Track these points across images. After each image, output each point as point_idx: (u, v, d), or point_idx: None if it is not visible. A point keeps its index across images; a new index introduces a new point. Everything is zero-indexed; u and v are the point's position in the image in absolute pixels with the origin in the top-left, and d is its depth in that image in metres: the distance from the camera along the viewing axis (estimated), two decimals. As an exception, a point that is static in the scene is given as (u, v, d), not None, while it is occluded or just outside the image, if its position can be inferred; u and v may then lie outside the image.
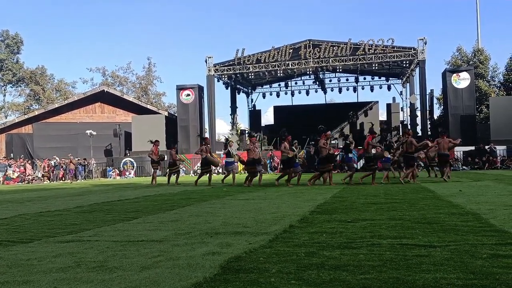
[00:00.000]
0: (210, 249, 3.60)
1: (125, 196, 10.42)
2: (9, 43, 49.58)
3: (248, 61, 29.14)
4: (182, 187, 14.08)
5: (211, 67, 29.59)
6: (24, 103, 50.09)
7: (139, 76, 51.74)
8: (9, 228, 5.27)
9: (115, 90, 36.61)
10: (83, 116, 32.86)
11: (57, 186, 18.40)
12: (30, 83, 49.17)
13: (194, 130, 29.73)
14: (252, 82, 36.05)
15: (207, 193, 10.81)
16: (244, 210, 6.53)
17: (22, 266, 3.17)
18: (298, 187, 12.00)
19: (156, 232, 4.60)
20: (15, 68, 49.51)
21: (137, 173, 28.64)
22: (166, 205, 7.76)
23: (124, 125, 31.20)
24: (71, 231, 4.83)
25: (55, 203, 9.02)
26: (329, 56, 28.07)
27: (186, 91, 30.13)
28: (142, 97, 48.96)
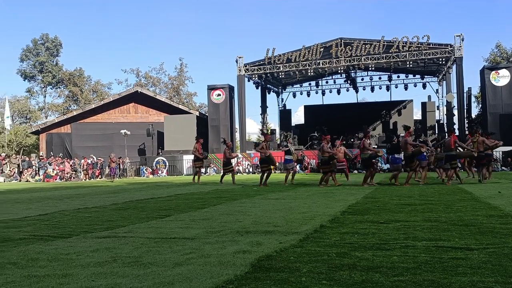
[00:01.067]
0: (241, 247, 3.61)
1: (158, 194, 10.61)
2: (49, 46, 51.44)
3: (278, 61, 29.09)
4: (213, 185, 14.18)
5: (242, 67, 29.72)
6: (63, 104, 51.88)
7: (171, 76, 52.64)
8: (49, 224, 5.47)
9: (148, 91, 37.33)
10: (118, 116, 33.70)
11: (94, 184, 18.95)
12: (69, 85, 50.87)
13: (224, 130, 29.96)
14: (282, 82, 35.97)
15: (237, 192, 10.87)
16: (274, 209, 6.52)
17: (62, 260, 3.28)
18: (328, 187, 11.89)
19: (188, 229, 4.66)
20: (54, 70, 51.34)
21: (169, 172, 29.13)
22: (198, 203, 7.86)
23: (156, 124, 31.79)
24: (107, 227, 4.97)
25: (92, 200, 9.30)
26: (361, 54, 27.65)
27: (217, 91, 30.39)
28: (174, 97, 49.76)
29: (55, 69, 51.48)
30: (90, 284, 2.61)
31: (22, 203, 8.97)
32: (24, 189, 15.64)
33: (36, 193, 12.46)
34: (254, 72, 30.02)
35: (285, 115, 37.23)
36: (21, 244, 3.99)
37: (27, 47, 51.53)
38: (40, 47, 51.57)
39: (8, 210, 7.38)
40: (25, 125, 49.37)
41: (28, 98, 52.36)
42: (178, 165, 29.31)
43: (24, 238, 4.36)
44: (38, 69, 51.20)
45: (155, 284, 2.58)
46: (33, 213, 6.72)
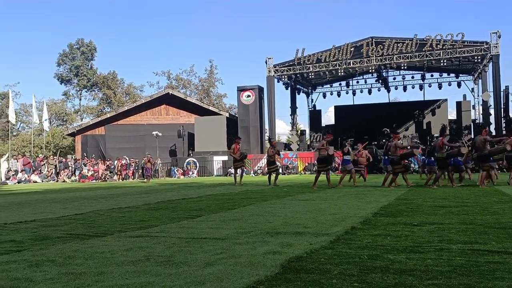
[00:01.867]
0: (271, 248, 3.61)
1: (189, 195, 10.76)
2: (84, 50, 53.12)
3: (308, 61, 28.95)
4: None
5: (271, 68, 29.74)
6: (97, 106, 53.42)
7: (202, 78, 53.26)
8: (85, 223, 5.65)
9: (179, 93, 37.90)
10: (149, 117, 34.39)
11: (127, 185, 19.40)
12: (103, 88, 52.34)
13: (254, 131, 30.04)
14: (312, 82, 35.77)
15: (267, 193, 10.88)
16: (304, 210, 6.49)
17: (97, 258, 3.38)
18: (359, 188, 11.73)
19: (219, 230, 4.71)
20: (89, 73, 52.98)
21: (200, 172, 29.45)
22: (228, 204, 7.91)
23: (187, 126, 32.22)
24: (140, 227, 5.08)
25: (125, 200, 9.53)
26: (393, 53, 27.15)
27: (247, 92, 30.52)
28: (204, 99, 50.32)
29: (90, 73, 53.10)
30: (124, 282, 2.67)
31: (59, 202, 9.30)
32: (61, 189, 16.19)
33: (72, 193, 12.88)
34: (283, 73, 29.99)
35: (315, 116, 36.99)
36: (58, 242, 4.14)
37: (64, 52, 53.39)
38: (75, 52, 53.31)
39: (47, 210, 7.66)
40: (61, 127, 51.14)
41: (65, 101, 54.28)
42: (208, 166, 29.60)
43: (61, 236, 4.52)
44: (74, 73, 52.95)
45: (186, 283, 2.62)
46: (70, 213, 6.95)
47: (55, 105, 51.08)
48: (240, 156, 15.38)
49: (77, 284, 2.67)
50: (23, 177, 24.55)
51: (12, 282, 2.72)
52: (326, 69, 28.80)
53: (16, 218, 6.28)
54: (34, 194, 12.79)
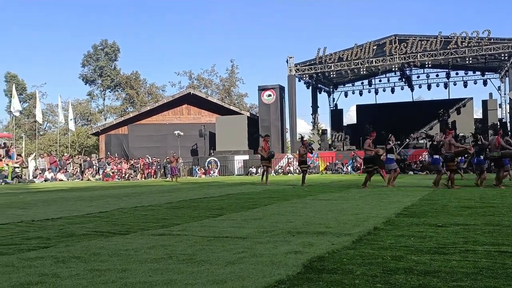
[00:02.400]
0: (293, 247, 3.61)
1: (210, 194, 10.83)
2: (107, 51, 54.07)
3: (329, 60, 28.76)
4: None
5: (292, 67, 29.66)
6: (121, 106, 54.31)
7: (223, 78, 53.51)
8: (109, 221, 5.75)
9: (200, 92, 38.18)
10: (171, 117, 34.74)
11: (150, 184, 19.67)
12: (126, 88, 53.18)
13: (275, 130, 29.99)
14: (333, 81, 35.51)
15: (288, 192, 10.86)
16: (326, 210, 6.46)
17: (121, 255, 3.44)
18: (381, 188, 11.58)
19: (240, 229, 4.72)
20: (113, 74, 53.89)
21: (221, 172, 29.60)
22: (249, 203, 7.94)
23: (208, 125, 32.43)
24: (163, 225, 5.14)
25: (147, 198, 9.67)
26: (417, 51, 26.72)
27: (268, 91, 30.51)
28: (225, 98, 50.55)
29: (113, 73, 53.99)
30: (147, 279, 2.71)
31: (84, 200, 9.50)
32: (86, 187, 16.54)
33: (96, 192, 13.15)
34: (304, 72, 29.87)
35: (337, 115, 36.71)
36: (84, 239, 4.23)
37: (88, 52, 54.47)
38: (99, 53, 54.31)
39: (72, 207, 7.84)
40: (86, 127, 52.22)
41: (89, 101, 55.36)
42: (229, 165, 29.73)
43: (86, 233, 4.62)
44: (98, 73, 53.95)
45: (208, 282, 2.64)
46: (94, 210, 7.09)
47: (80, 105, 52.18)
48: (268, 155, 14.95)
49: (102, 280, 2.72)
50: (49, 175, 25.16)
51: (40, 278, 2.79)
52: (348, 68, 28.55)
53: (43, 216, 6.45)
54: (60, 192, 13.11)
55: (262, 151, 14.97)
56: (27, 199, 10.23)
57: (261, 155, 15.23)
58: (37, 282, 2.70)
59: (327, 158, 28.10)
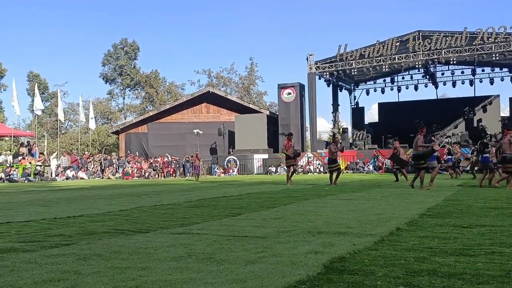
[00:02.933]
0: (313, 247, 3.59)
1: (229, 193, 10.88)
2: (127, 50, 54.85)
3: (350, 57, 28.52)
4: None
5: (313, 65, 29.52)
6: (140, 105, 55.04)
7: (242, 76, 53.65)
8: (129, 219, 5.84)
9: (219, 91, 38.36)
10: (190, 116, 35.01)
11: (169, 182, 19.87)
12: (145, 86, 53.86)
13: (295, 129, 29.90)
14: (355, 79, 35.21)
15: (308, 192, 10.82)
16: (347, 210, 6.41)
17: (141, 253, 3.49)
18: (404, 188, 11.42)
19: (260, 228, 4.73)
20: (132, 73, 54.64)
21: (240, 171, 29.68)
22: (268, 202, 7.94)
23: (227, 124, 32.56)
24: (182, 224, 5.19)
25: (167, 197, 9.77)
26: (441, 47, 26.24)
27: (287, 89, 30.45)
28: (244, 96, 50.67)
29: (133, 72, 54.74)
30: (167, 278, 2.75)
31: (105, 199, 9.67)
32: (106, 185, 16.83)
33: (116, 190, 13.36)
34: (325, 69, 29.69)
35: (358, 113, 36.39)
36: (104, 237, 4.31)
37: (108, 52, 55.36)
38: (119, 52, 55.13)
39: (93, 205, 7.99)
40: (106, 125, 53.10)
41: (109, 100, 56.28)
42: (248, 164, 29.80)
43: (107, 231, 4.70)
44: (118, 72, 54.78)
45: (228, 281, 2.66)
46: (114, 209, 7.21)
47: (100, 104, 53.10)
48: (294, 153, 14.39)
49: (122, 278, 2.77)
50: (71, 173, 25.68)
51: (62, 275, 2.85)
52: (370, 65, 28.25)
53: (64, 213, 6.59)
54: (81, 190, 13.37)
55: (285, 150, 14.46)
56: (49, 197, 10.47)
57: (286, 154, 14.60)
58: (59, 279, 2.76)
59: (348, 157, 27.87)
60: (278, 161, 28.87)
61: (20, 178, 22.80)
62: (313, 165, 28.38)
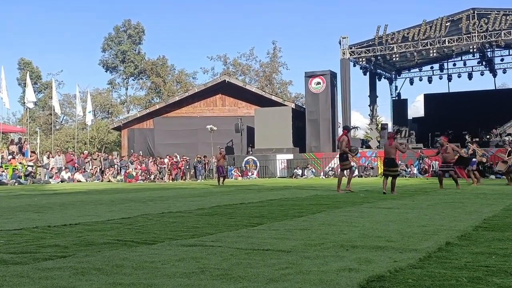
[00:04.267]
0: (346, 264, 3.59)
1: (248, 199, 10.93)
2: (131, 33, 55.52)
3: (391, 40, 28.23)
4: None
5: (346, 49, 29.33)
6: (145, 97, 55.67)
7: (263, 63, 53.69)
8: (132, 228, 5.93)
9: (237, 80, 38.49)
10: (203, 109, 35.22)
11: (178, 186, 20.05)
12: (151, 75, 54.44)
13: (325, 124, 29.78)
14: (396, 66, 34.87)
15: (340, 199, 10.78)
16: (387, 220, 6.38)
17: (147, 268, 3.55)
18: (455, 195, 11.27)
19: (283, 241, 4.75)
20: (137, 59, 55.29)
21: (260, 173, 29.73)
22: (294, 211, 7.95)
23: (246, 119, 32.61)
24: (193, 235, 5.25)
25: (176, 204, 9.88)
26: (500, 28, 25.73)
27: (316, 78, 30.36)
28: (266, 87, 50.72)
29: (138, 59, 55.39)
30: (177, 296, 2.78)
31: (105, 204, 9.84)
32: (106, 189, 17.09)
33: (118, 194, 13.56)
34: (361, 55, 29.47)
35: (400, 106, 36.06)
36: (105, 249, 4.39)
37: (109, 35, 56.14)
38: (122, 35, 55.87)
39: (92, 212, 8.14)
40: (106, 120, 53.91)
41: (110, 91, 57.09)
42: (270, 166, 29.83)
43: (108, 242, 4.78)
44: (120, 59, 55.53)
45: (247, 301, 2.67)
46: (116, 216, 7.33)
47: (99, 95, 53.94)
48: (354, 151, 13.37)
49: (125, 296, 2.81)
50: (66, 175, 26.19)
51: (57, 291, 2.92)
52: (415, 50, 27.91)
53: (60, 221, 6.73)
54: (78, 195, 13.62)
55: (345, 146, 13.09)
56: (42, 202, 10.71)
57: (340, 155, 13.62)
58: (54, 295, 2.82)
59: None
60: (305, 162, 28.83)
61: (9, 181, 23.36)
62: (346, 167, 28.21)
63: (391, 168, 12.51)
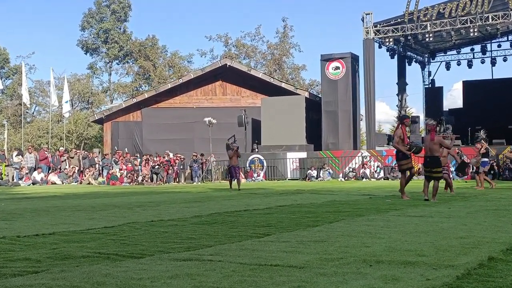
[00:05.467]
0: (370, 283, 3.60)
1: (254, 205, 10.94)
2: (115, 8, 55.56)
3: (424, 17, 28.13)
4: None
5: (370, 28, 29.27)
6: (132, 84, 55.78)
7: (271, 44, 53.63)
8: (116, 239, 5.95)
9: (240, 64, 38.49)
10: (200, 99, 35.23)
11: (171, 189, 20.08)
12: (139, 58, 54.51)
13: (345, 117, 29.69)
14: (430, 47, 34.78)
15: (362, 205, 10.77)
16: (418, 231, 6.39)
17: (134, 286, 3.55)
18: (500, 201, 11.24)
19: (295, 255, 4.76)
20: (122, 40, 55.35)
21: (268, 174, 29.71)
22: (308, 219, 7.95)
23: (251, 110, 32.57)
24: (188, 247, 5.26)
25: (168, 210, 9.90)
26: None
27: (334, 62, 30.29)
28: (275, 72, 50.72)
29: (123, 39, 55.49)
30: (169, 320, 2.79)
31: (84, 211, 9.87)
32: (86, 193, 17.16)
33: (99, 199, 13.61)
34: (387, 34, 29.39)
35: (434, 95, 35.99)
36: (84, 263, 4.40)
37: (89, 11, 56.25)
38: (104, 11, 55.98)
39: (69, 220, 8.17)
40: (86, 111, 54.08)
41: (90, 77, 57.24)
42: (280, 166, 29.80)
43: (87, 256, 4.80)
44: (102, 39, 55.66)
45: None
46: (97, 225, 7.36)
47: (78, 82, 54.07)
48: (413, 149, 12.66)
49: (108, 319, 2.82)
50: (39, 176, 26.29)
51: (28, 312, 2.93)
52: (452, 28, 27.80)
53: (31, 230, 6.76)
54: (53, 199, 13.68)
55: (400, 143, 12.44)
56: (11, 208, 10.76)
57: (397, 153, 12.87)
58: (24, 318, 2.84)
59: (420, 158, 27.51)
60: (321, 161, 28.78)
61: (-28, 182, 23.49)
62: (370, 168, 28.18)
63: (433, 169, 11.84)
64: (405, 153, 12.52)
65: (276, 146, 30.42)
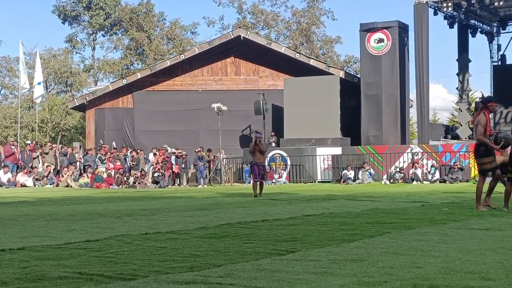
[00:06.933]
0: (421, 313, 3.58)
1: (274, 214, 10.92)
2: (100, -34, 55.74)
3: (492, -25, 27.87)
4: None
5: (423, -10, 29.07)
6: (122, 61, 55.94)
7: (296, 10, 53.51)
8: (101, 256, 5.96)
9: (257, 36, 38.38)
10: (207, 80, 35.19)
11: (170, 194, 20.12)
12: (130, 29, 54.62)
13: (390, 102, 29.50)
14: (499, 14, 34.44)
15: (412, 215, 10.71)
16: (482, 248, 6.34)
17: (122, 315, 3.58)
18: None
19: (326, 277, 4.74)
20: (108, 5, 55.43)
21: (292, 175, 29.65)
22: (342, 232, 7.92)
23: (271, 94, 32.51)
24: (192, 266, 5.25)
25: (167, 220, 9.90)
26: None
27: (377, 33, 30.16)
28: (301, 46, 50.61)
29: (110, 4, 55.56)
30: None
31: (61, 220, 9.91)
32: (64, 198, 17.22)
33: (81, 206, 13.64)
34: (445, -3, 29.16)
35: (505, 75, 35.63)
36: (61, 286, 4.42)
37: (68, -31, 56.48)
38: (87, -31, 56.19)
39: (42, 232, 8.21)
40: (64, 95, 54.39)
41: (69, 52, 57.43)
42: (307, 165, 29.73)
43: (65, 276, 4.81)
44: (84, 4, 55.81)
45: None
46: (78, 238, 7.37)
47: (54, 58, 54.29)
48: (500, 142, 11.89)
49: None
50: (5, 177, 26.51)
51: None
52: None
53: (-5, 244, 6.81)
54: (22, 206, 13.74)
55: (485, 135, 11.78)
56: (-29, 216, 10.84)
57: (476, 147, 12.27)
58: None
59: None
60: (360, 159, 28.64)
61: None
62: (423, 167, 28.02)
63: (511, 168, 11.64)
64: (489, 148, 11.86)
65: (302, 140, 30.35)
